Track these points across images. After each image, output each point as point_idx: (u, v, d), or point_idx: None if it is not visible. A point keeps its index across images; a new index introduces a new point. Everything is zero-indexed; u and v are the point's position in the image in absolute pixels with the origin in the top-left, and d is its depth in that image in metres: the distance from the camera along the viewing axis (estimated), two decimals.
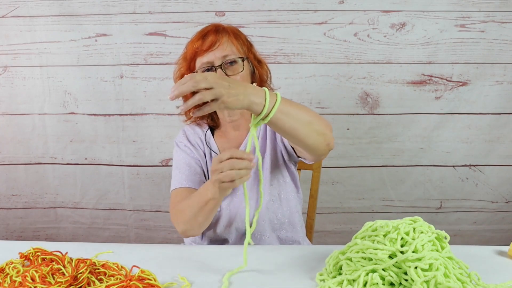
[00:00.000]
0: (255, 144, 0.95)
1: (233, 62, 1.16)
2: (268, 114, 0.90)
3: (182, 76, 1.23)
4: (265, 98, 0.89)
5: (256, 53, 1.25)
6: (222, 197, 1.02)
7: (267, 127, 1.24)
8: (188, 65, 1.20)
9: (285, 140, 1.20)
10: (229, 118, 1.22)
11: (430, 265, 0.78)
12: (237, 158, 0.90)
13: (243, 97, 0.87)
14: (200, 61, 1.16)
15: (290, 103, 0.94)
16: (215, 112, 1.26)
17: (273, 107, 0.89)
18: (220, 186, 0.94)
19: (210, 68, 1.15)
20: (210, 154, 1.26)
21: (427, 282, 0.76)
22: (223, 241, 1.23)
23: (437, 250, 0.84)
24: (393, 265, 0.80)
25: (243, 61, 1.17)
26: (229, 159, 0.90)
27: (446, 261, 0.80)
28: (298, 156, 1.21)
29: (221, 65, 1.14)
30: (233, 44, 1.17)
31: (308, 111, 0.99)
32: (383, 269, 0.81)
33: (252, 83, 1.22)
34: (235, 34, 1.20)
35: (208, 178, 1.25)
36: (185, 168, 1.21)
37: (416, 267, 0.77)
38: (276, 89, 1.30)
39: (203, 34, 1.17)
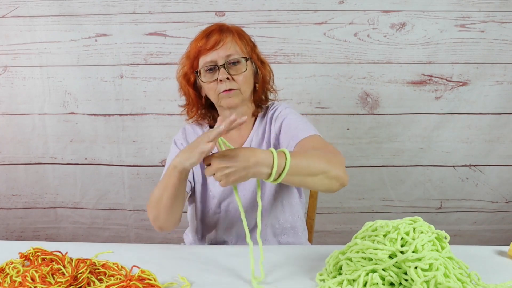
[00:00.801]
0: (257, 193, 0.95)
1: (236, 62, 1.15)
2: (278, 178, 0.89)
3: (185, 75, 1.22)
4: (272, 167, 0.88)
5: (259, 53, 1.24)
6: (185, 169, 0.97)
7: (270, 130, 1.22)
8: (191, 63, 1.19)
9: (290, 149, 1.18)
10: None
11: (430, 265, 0.78)
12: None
13: (245, 173, 0.87)
14: (204, 60, 1.16)
15: (301, 158, 0.93)
16: (216, 111, 1.26)
17: (282, 171, 0.88)
18: (202, 148, 0.90)
19: (214, 67, 1.15)
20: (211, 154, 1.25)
21: (427, 282, 0.76)
22: (223, 243, 1.23)
23: (437, 250, 0.83)
24: (393, 265, 0.80)
25: (246, 61, 1.17)
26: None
27: (446, 261, 0.80)
28: None
29: (224, 64, 1.14)
30: (237, 44, 1.16)
31: (320, 159, 0.97)
32: (383, 269, 0.81)
33: (254, 83, 1.22)
34: (239, 34, 1.19)
35: (202, 179, 1.24)
36: None
37: (416, 267, 0.77)
38: (278, 90, 1.30)
39: (207, 33, 1.17)
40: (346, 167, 1.03)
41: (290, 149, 1.14)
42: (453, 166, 1.90)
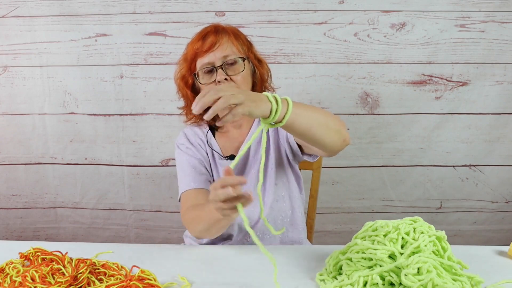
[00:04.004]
0: (262, 145, 0.93)
1: (233, 62, 1.15)
2: (284, 117, 0.88)
3: (183, 77, 1.23)
4: (277, 103, 0.87)
5: (256, 52, 1.25)
6: (233, 218, 1.02)
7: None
8: (189, 66, 1.20)
9: (290, 139, 1.19)
10: None
11: (419, 268, 0.77)
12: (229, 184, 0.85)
13: (260, 103, 0.86)
14: (201, 62, 1.16)
15: (302, 105, 0.94)
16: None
17: (286, 110, 0.88)
18: (224, 214, 0.90)
19: (211, 68, 1.15)
20: (213, 154, 1.26)
21: (424, 286, 0.75)
22: (228, 237, 1.24)
23: (437, 251, 0.84)
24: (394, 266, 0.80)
25: (243, 61, 1.17)
26: (223, 186, 0.86)
27: (436, 262, 0.79)
28: (303, 154, 1.20)
29: (221, 65, 1.14)
30: (233, 44, 1.17)
31: (321, 110, 0.99)
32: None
33: (253, 82, 1.22)
34: (235, 34, 1.20)
35: (213, 178, 1.25)
36: (190, 170, 1.21)
37: (406, 274, 0.77)
38: (276, 89, 1.30)
39: (203, 35, 1.17)
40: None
41: (293, 142, 1.17)
42: (453, 166, 1.90)
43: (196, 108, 0.83)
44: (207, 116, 0.83)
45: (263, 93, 0.89)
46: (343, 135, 1.01)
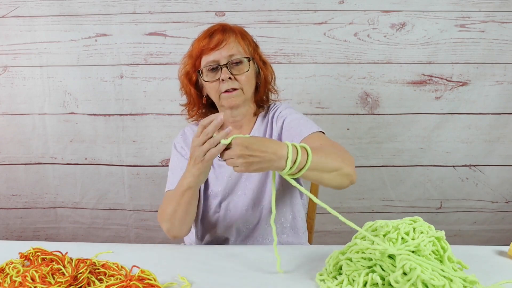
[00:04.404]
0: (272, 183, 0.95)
1: (238, 62, 1.16)
2: (298, 172, 0.89)
3: (187, 74, 1.23)
4: (295, 161, 0.88)
5: (261, 54, 1.25)
6: (198, 185, 1.03)
7: (272, 130, 1.23)
8: (194, 63, 1.20)
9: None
10: (232, 118, 1.22)
11: (403, 266, 0.77)
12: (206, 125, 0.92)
13: (268, 166, 0.87)
14: (206, 60, 1.16)
15: (320, 154, 0.93)
16: (217, 111, 1.26)
17: (303, 166, 0.89)
18: (203, 162, 0.95)
19: (216, 66, 1.15)
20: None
21: (414, 284, 0.75)
22: (224, 240, 1.23)
23: (437, 250, 0.83)
24: (392, 265, 0.80)
25: (248, 61, 1.17)
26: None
27: (419, 259, 0.79)
28: None
29: (226, 64, 1.14)
30: (239, 44, 1.17)
31: (336, 156, 0.98)
32: (383, 269, 0.81)
33: (256, 83, 1.22)
34: (242, 34, 1.20)
35: (208, 179, 1.25)
36: (178, 172, 1.20)
37: (396, 281, 0.77)
38: (279, 91, 1.30)
39: (210, 33, 1.17)
40: None
41: None
42: (453, 166, 1.90)
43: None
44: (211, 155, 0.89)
45: (285, 142, 0.89)
46: (351, 178, 1.01)
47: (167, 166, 1.92)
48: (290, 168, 0.88)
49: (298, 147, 0.89)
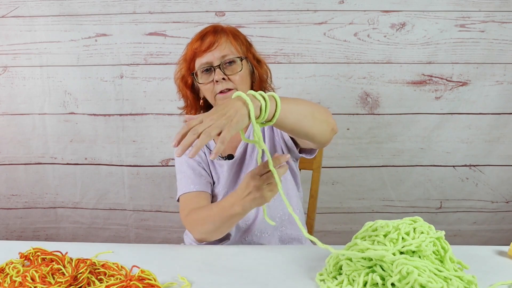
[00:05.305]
0: (262, 148, 0.94)
1: (231, 62, 1.16)
2: (274, 115, 0.87)
3: (182, 77, 1.24)
4: (265, 100, 0.86)
5: (255, 53, 1.25)
6: (250, 211, 1.04)
7: (270, 126, 1.23)
8: (188, 66, 1.21)
9: (285, 136, 1.20)
10: None
11: (400, 271, 0.77)
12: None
13: (244, 111, 0.83)
14: (199, 62, 1.17)
15: (288, 100, 0.93)
16: None
17: (275, 109, 0.87)
18: (263, 199, 0.96)
19: (209, 68, 1.16)
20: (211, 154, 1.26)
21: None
22: (226, 236, 1.23)
23: (437, 251, 0.83)
24: (392, 265, 0.80)
25: (241, 60, 1.17)
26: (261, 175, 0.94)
27: (416, 261, 0.79)
28: (300, 153, 1.21)
29: (219, 65, 1.15)
30: (231, 44, 1.18)
31: (306, 102, 0.99)
32: (383, 269, 0.81)
33: (251, 82, 1.23)
34: (233, 34, 1.20)
35: (212, 178, 1.25)
36: (189, 172, 1.21)
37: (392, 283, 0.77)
38: (276, 89, 1.30)
39: (202, 35, 1.19)
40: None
41: (288, 138, 1.19)
42: (453, 166, 1.90)
43: (177, 151, 0.80)
44: (192, 155, 0.79)
45: (242, 93, 0.86)
46: (331, 123, 1.01)
47: (167, 166, 1.95)
48: (261, 113, 0.84)
49: (263, 94, 0.86)
